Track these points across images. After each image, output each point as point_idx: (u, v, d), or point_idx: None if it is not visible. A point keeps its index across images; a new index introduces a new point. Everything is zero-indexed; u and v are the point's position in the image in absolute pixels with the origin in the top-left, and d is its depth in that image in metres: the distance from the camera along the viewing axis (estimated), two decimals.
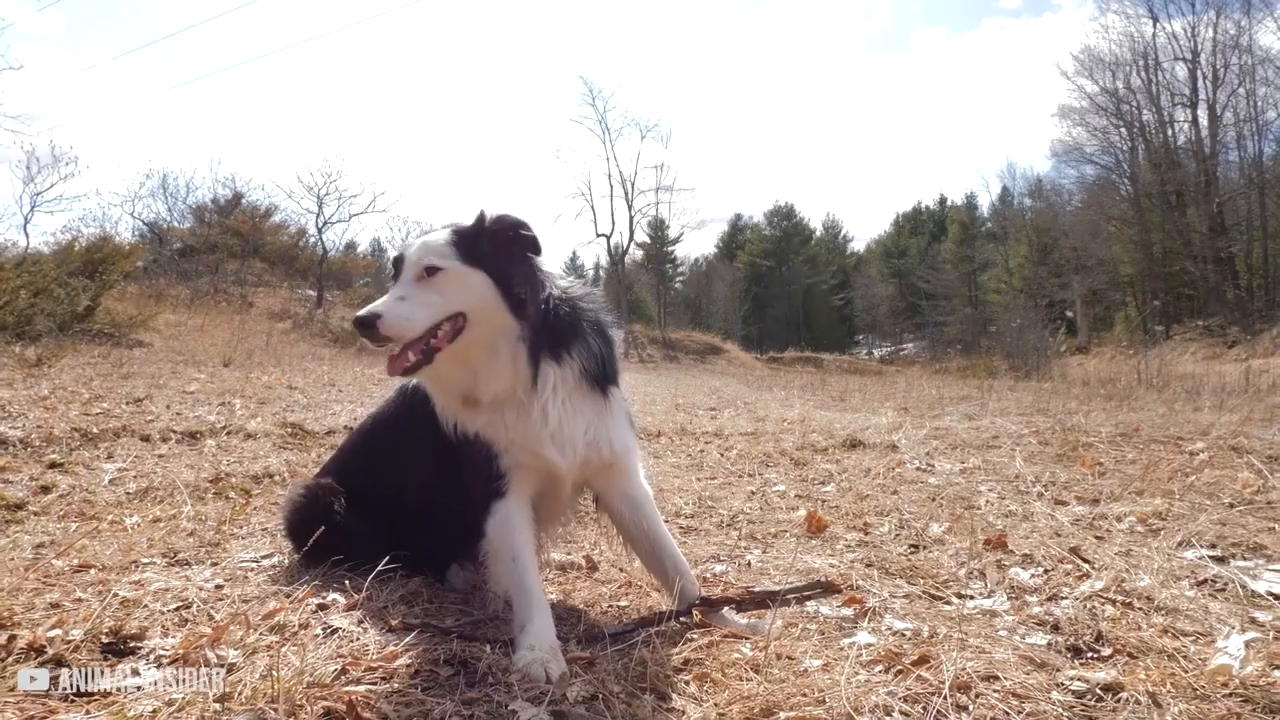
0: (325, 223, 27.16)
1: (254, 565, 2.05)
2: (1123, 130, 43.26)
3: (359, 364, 12.07)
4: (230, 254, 26.52)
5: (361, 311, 1.69)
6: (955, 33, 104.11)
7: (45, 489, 2.84)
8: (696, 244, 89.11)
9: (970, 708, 1.32)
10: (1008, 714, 1.30)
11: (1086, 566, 2.34)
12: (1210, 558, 2.51)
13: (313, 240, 29.70)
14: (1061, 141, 45.11)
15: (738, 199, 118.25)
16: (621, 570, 2.24)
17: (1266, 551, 2.60)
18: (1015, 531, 2.78)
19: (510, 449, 1.75)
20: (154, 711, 1.19)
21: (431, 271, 1.76)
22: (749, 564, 2.42)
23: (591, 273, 64.35)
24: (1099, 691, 1.42)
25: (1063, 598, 2.02)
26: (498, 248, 1.82)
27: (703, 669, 1.51)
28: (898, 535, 2.80)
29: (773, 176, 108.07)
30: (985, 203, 57.93)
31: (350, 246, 41.90)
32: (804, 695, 1.36)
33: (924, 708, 1.30)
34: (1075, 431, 6.26)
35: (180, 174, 39.25)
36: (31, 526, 2.37)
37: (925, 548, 2.62)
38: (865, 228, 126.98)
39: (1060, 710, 1.34)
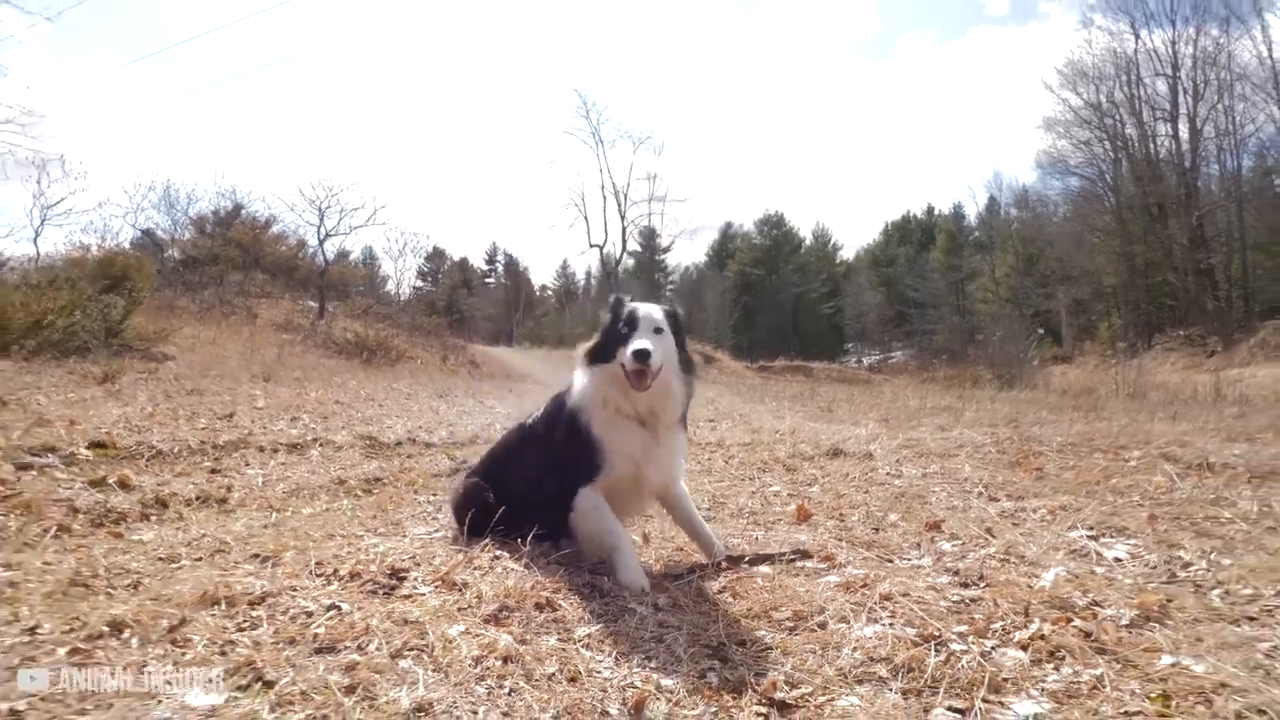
0: (327, 235, 28.06)
1: (429, 537, 3.06)
2: (1106, 143, 44.49)
3: (381, 378, 13.07)
4: (233, 265, 27.39)
5: (643, 347, 2.62)
6: (943, 40, 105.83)
7: (228, 488, 3.83)
8: (687, 252, 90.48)
9: (890, 606, 2.36)
10: (911, 608, 2.33)
11: (993, 540, 3.39)
12: (1086, 536, 3.54)
13: (312, 252, 30.64)
14: (1046, 153, 46.40)
15: (728, 207, 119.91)
16: (670, 539, 3.28)
17: (1129, 532, 3.65)
18: (951, 519, 3.82)
19: (615, 458, 2.76)
20: (439, 605, 2.20)
21: (659, 330, 2.78)
22: (755, 539, 3.45)
23: (583, 281, 65.52)
24: (968, 600, 2.46)
25: (967, 558, 3.05)
26: (676, 326, 2.90)
27: (734, 590, 2.54)
28: (864, 522, 3.84)
29: (763, 184, 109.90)
30: (972, 212, 59.34)
31: (342, 255, 42.69)
32: (794, 600, 2.40)
33: (862, 604, 2.34)
34: (1031, 441, 7.31)
35: (181, 185, 39.97)
36: (244, 514, 3.36)
37: (883, 530, 3.65)
38: (854, 236, 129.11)
39: (943, 609, 2.37)
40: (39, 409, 5.97)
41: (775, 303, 60.48)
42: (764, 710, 1.70)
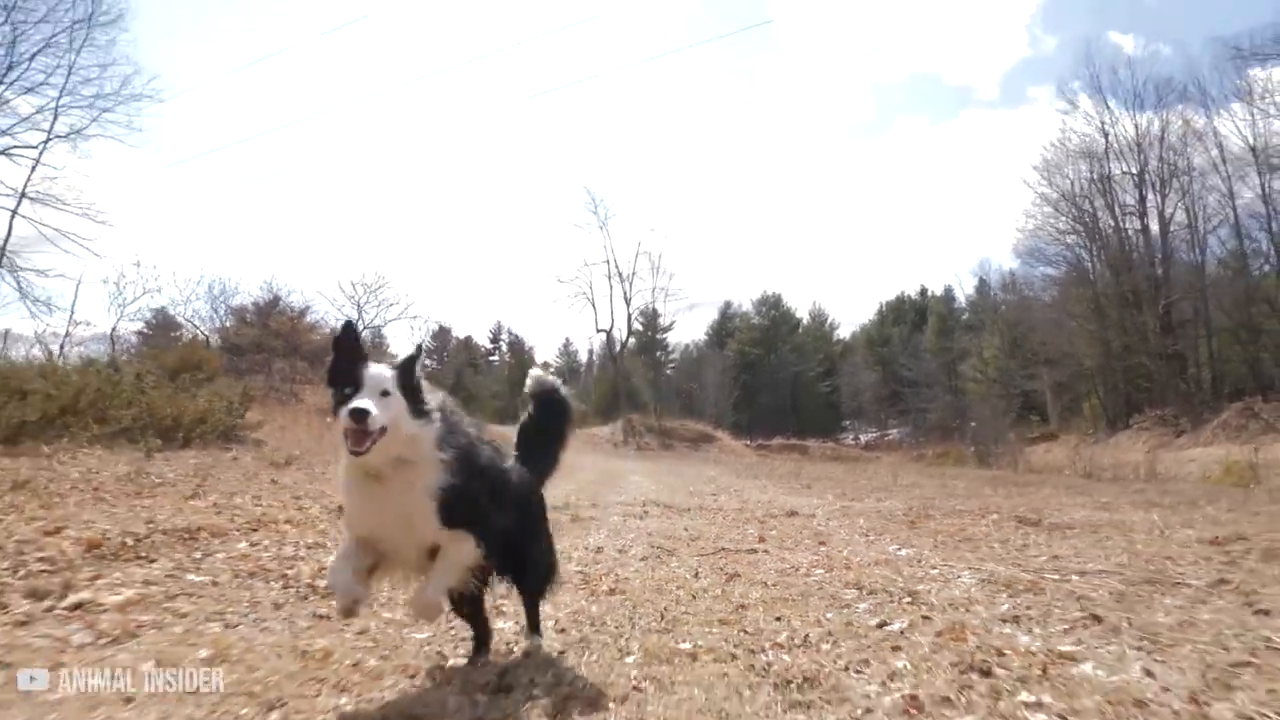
0: (365, 328, 32.57)
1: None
2: (1082, 233, 49.49)
3: None
4: (277, 354, 31.82)
5: (361, 406, 2.62)
6: (935, 122, 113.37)
7: None
8: (687, 331, 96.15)
9: (785, 560, 6.62)
10: (794, 562, 6.58)
11: (847, 545, 7.61)
12: (894, 547, 7.75)
13: None
14: (1025, 243, 51.50)
15: (727, 286, 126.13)
16: (700, 542, 7.56)
17: (915, 546, 7.85)
18: (834, 541, 8.04)
19: (350, 517, 3.15)
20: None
21: (386, 394, 2.74)
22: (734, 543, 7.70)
23: (585, 359, 70.40)
24: (818, 561, 6.70)
25: (830, 555, 7.28)
26: (409, 379, 2.84)
27: (725, 558, 6.80)
28: (791, 542, 8.06)
29: (761, 264, 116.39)
30: (962, 295, 64.44)
31: None
32: (747, 559, 6.67)
33: (773, 558, 6.61)
34: (931, 508, 11.53)
35: (227, 279, 44.96)
36: None
37: (798, 543, 7.88)
38: (850, 314, 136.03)
39: (806, 563, 6.61)
40: (296, 488, 10.22)
41: (774, 381, 64.98)
42: (732, 576, 5.93)
